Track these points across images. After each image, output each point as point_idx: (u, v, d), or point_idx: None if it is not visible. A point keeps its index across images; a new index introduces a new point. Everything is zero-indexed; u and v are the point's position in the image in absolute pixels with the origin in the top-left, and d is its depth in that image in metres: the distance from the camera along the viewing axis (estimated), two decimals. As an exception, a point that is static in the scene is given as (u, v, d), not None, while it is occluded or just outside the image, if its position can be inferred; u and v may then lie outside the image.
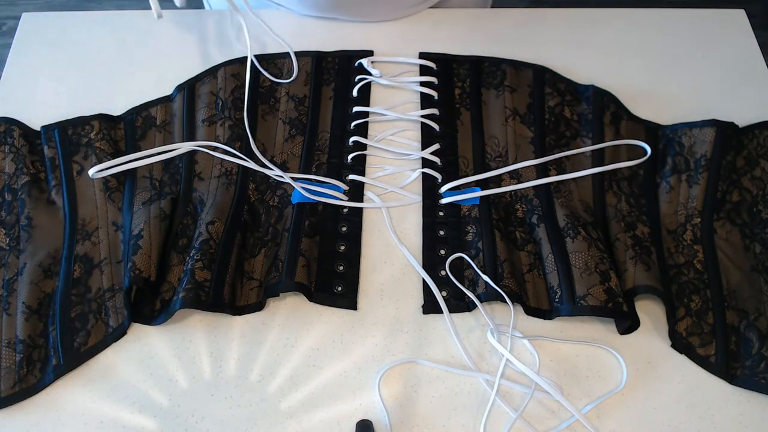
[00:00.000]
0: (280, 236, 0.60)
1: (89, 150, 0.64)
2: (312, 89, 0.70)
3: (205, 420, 0.52)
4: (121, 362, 0.55)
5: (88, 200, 0.62)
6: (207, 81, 0.68)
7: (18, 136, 0.65)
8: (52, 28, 0.75)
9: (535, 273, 0.58)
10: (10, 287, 0.57)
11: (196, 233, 0.59)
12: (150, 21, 0.75)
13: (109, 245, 0.59)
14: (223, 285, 0.55)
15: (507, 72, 0.69)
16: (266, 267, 0.58)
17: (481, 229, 0.59)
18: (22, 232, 0.60)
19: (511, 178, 0.63)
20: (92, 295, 0.57)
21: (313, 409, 0.53)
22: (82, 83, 0.71)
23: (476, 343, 0.55)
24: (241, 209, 0.61)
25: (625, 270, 0.56)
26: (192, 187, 0.63)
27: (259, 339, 0.56)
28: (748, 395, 0.53)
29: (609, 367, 0.55)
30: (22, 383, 0.53)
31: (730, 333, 0.55)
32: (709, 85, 0.71)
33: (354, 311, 0.57)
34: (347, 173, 0.63)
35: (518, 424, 0.52)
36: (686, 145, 0.63)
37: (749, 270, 0.58)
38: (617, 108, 0.67)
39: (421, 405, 0.53)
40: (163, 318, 0.55)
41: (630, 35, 0.75)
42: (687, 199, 0.61)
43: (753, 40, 0.74)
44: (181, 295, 0.54)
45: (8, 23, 1.68)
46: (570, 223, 0.58)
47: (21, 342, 0.54)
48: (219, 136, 0.65)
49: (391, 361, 0.55)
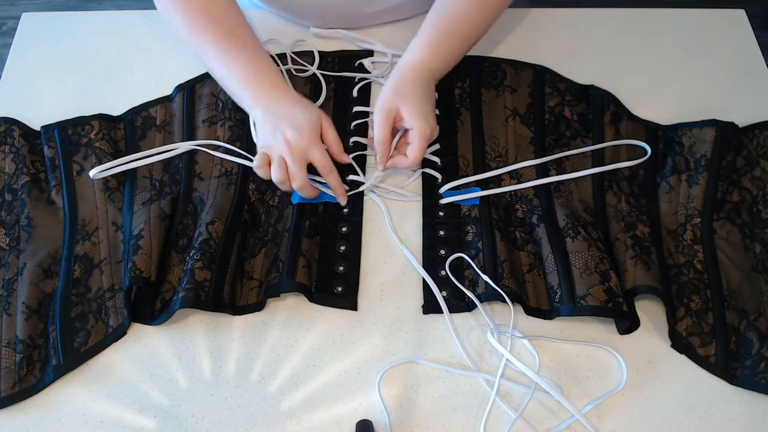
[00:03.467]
0: (280, 236, 0.60)
1: (89, 150, 0.64)
2: (312, 89, 0.70)
3: (205, 420, 0.52)
4: (121, 362, 0.55)
5: (88, 200, 0.62)
6: (207, 82, 0.68)
7: (18, 136, 0.65)
8: (52, 28, 0.75)
9: (535, 273, 0.58)
10: (10, 287, 0.57)
11: (196, 233, 0.59)
12: (150, 21, 0.75)
13: (109, 245, 0.59)
14: (222, 285, 0.55)
15: (507, 72, 0.69)
16: (266, 267, 0.58)
17: (481, 229, 0.59)
18: (22, 232, 0.60)
19: (511, 178, 0.63)
20: (92, 295, 0.57)
21: (313, 409, 0.53)
22: (82, 83, 0.71)
23: (476, 343, 0.55)
24: (241, 209, 0.61)
25: (625, 270, 0.56)
26: (192, 187, 0.63)
27: (259, 339, 0.56)
28: (748, 395, 0.53)
29: (609, 367, 0.55)
30: (22, 383, 0.53)
31: (730, 333, 0.55)
32: (709, 85, 0.71)
33: (354, 312, 0.57)
34: (347, 174, 0.63)
35: (518, 423, 0.52)
36: (686, 145, 0.63)
37: (749, 270, 0.58)
38: (617, 108, 0.67)
39: (421, 405, 0.53)
40: (163, 318, 0.55)
41: (630, 35, 0.75)
42: (687, 199, 0.61)
43: (753, 40, 0.74)
44: (180, 295, 0.54)
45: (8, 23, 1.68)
46: (570, 223, 0.58)
47: (21, 342, 0.54)
48: (219, 137, 0.65)
49: (391, 361, 0.55)
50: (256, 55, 0.62)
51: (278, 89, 0.61)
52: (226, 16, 0.62)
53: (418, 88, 0.60)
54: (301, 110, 0.60)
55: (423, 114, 0.59)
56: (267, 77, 0.61)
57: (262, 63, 0.62)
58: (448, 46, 0.63)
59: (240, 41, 0.61)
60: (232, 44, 0.61)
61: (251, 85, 0.61)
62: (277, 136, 0.58)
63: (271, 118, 0.59)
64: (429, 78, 0.62)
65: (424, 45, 0.62)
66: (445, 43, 0.62)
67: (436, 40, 0.62)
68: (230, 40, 0.61)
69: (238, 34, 0.62)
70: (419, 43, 0.62)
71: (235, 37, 0.61)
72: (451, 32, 0.62)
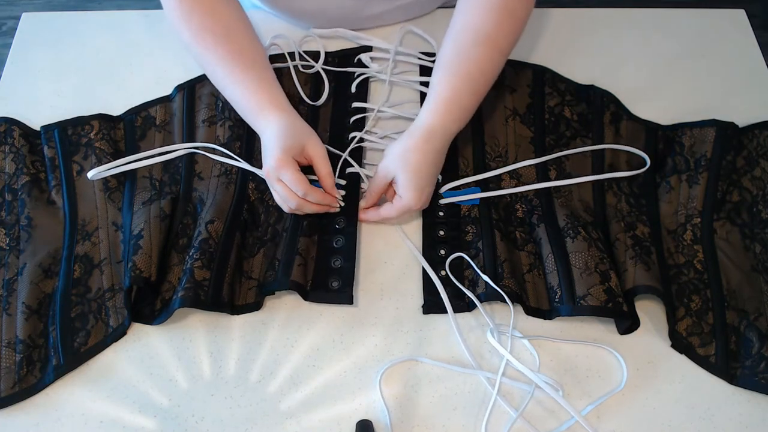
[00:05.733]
0: (279, 236, 0.60)
1: (89, 150, 0.64)
2: (312, 88, 0.70)
3: (205, 420, 0.52)
4: (121, 362, 0.55)
5: (88, 200, 0.62)
6: (208, 82, 0.68)
7: (18, 136, 0.65)
8: (52, 28, 0.75)
9: (535, 273, 0.58)
10: (10, 287, 0.57)
11: (195, 232, 0.59)
12: (150, 21, 0.75)
13: (109, 245, 0.59)
14: (222, 284, 0.55)
15: (507, 72, 0.69)
16: (265, 267, 0.58)
17: (480, 229, 0.59)
18: (22, 232, 0.60)
19: (511, 178, 0.63)
20: (92, 295, 0.57)
21: (313, 409, 0.53)
22: (81, 83, 0.71)
23: (476, 343, 0.55)
24: (240, 209, 0.61)
25: (625, 270, 0.56)
26: (192, 187, 0.63)
27: (259, 339, 0.56)
28: (748, 395, 0.53)
29: (609, 367, 0.55)
30: (22, 383, 0.53)
31: (730, 333, 0.55)
32: (709, 85, 0.71)
33: (354, 312, 0.57)
34: (346, 167, 0.63)
35: (518, 423, 0.52)
36: (686, 145, 0.63)
37: (749, 270, 0.58)
38: (617, 108, 0.67)
39: (422, 405, 0.53)
40: (163, 317, 0.55)
41: (630, 35, 0.75)
42: (687, 199, 0.61)
43: (753, 40, 0.74)
44: (180, 295, 0.54)
45: (8, 23, 1.68)
46: (570, 223, 0.58)
47: (21, 342, 0.54)
48: (219, 137, 0.65)
49: (390, 360, 0.55)
50: (258, 78, 0.60)
51: (270, 114, 0.59)
52: (232, 34, 0.61)
53: (423, 157, 0.57)
54: (277, 135, 0.57)
55: (418, 188, 0.57)
56: (265, 103, 0.60)
57: (262, 87, 0.60)
58: (460, 105, 0.59)
59: (244, 63, 0.60)
60: (237, 66, 0.60)
61: (251, 113, 0.60)
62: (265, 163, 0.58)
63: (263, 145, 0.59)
64: (442, 140, 0.58)
65: (436, 108, 0.58)
66: (457, 101, 0.58)
67: (449, 100, 0.58)
68: (236, 60, 0.60)
69: (243, 55, 0.60)
70: (432, 107, 0.58)
71: (241, 58, 0.60)
72: (464, 89, 0.58)
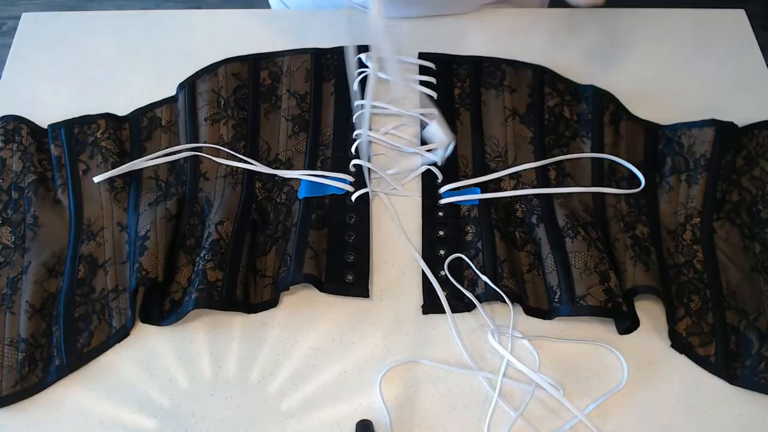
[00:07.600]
0: (289, 233, 0.60)
1: (95, 149, 0.64)
2: (313, 86, 0.70)
3: (205, 420, 0.52)
4: (121, 362, 0.55)
5: (93, 200, 0.62)
6: (206, 78, 0.68)
7: (26, 134, 0.65)
8: (52, 28, 0.75)
9: (535, 273, 0.58)
10: (15, 286, 0.57)
11: (205, 234, 0.59)
12: (150, 21, 0.76)
13: (114, 246, 0.60)
14: (235, 284, 0.56)
15: (506, 72, 0.69)
16: (278, 264, 0.58)
17: (480, 230, 0.59)
18: (27, 230, 0.60)
19: (511, 178, 0.63)
20: (96, 296, 0.57)
21: (313, 409, 0.53)
22: (81, 83, 0.71)
23: (476, 343, 0.55)
24: (248, 208, 0.61)
25: (624, 270, 0.56)
26: (198, 187, 0.63)
27: (259, 339, 0.56)
28: (748, 395, 0.53)
29: (609, 366, 0.55)
30: (24, 382, 0.53)
31: (730, 333, 0.55)
32: (709, 85, 0.71)
33: (354, 312, 0.57)
34: (351, 160, 0.64)
35: (519, 424, 0.52)
36: (686, 144, 0.63)
37: (749, 270, 0.58)
38: (617, 108, 0.67)
39: (422, 405, 0.53)
40: (174, 318, 0.55)
41: (630, 35, 0.75)
42: (686, 199, 0.61)
43: (753, 40, 0.74)
44: (194, 296, 0.54)
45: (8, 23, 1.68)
46: (569, 223, 0.58)
47: (23, 341, 0.54)
48: (222, 135, 0.65)
49: (391, 360, 0.55)
50: None
51: None
52: None
53: None
54: None
55: None
56: None
57: None
58: None
59: None
60: None
61: None
62: None
63: None
64: None
65: None
66: None
67: None
68: None
69: None
70: None
71: None
72: None
